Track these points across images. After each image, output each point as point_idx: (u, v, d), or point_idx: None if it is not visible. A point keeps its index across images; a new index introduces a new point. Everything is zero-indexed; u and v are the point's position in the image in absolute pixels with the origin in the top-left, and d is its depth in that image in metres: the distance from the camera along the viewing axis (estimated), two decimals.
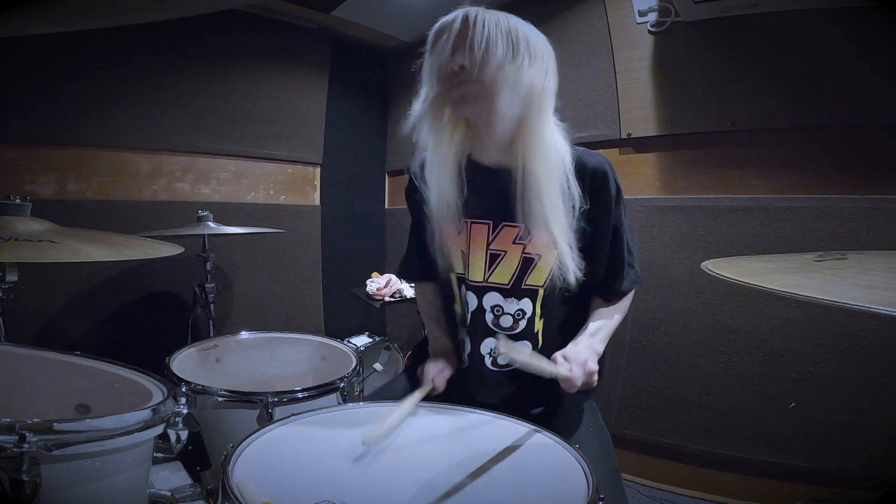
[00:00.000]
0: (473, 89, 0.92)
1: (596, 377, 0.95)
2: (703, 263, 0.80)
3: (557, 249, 0.97)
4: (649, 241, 1.89)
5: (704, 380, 1.79)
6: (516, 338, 1.06)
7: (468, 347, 1.09)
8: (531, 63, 0.94)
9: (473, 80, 0.91)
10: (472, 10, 0.94)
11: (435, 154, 1.02)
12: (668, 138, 1.89)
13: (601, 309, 1.08)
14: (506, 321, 1.05)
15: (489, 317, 1.06)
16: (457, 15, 0.94)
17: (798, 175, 1.65)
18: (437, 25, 0.97)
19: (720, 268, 0.75)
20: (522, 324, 1.05)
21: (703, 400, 1.79)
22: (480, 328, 1.07)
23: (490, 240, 1.02)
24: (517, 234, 1.00)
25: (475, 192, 1.01)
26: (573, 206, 0.96)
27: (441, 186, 1.01)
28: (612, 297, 1.09)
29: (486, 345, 1.07)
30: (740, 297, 1.70)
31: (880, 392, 1.49)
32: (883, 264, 0.70)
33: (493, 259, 1.02)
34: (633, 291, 1.11)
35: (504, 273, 1.03)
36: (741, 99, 1.71)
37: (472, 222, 1.02)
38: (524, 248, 1.01)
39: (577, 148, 1.02)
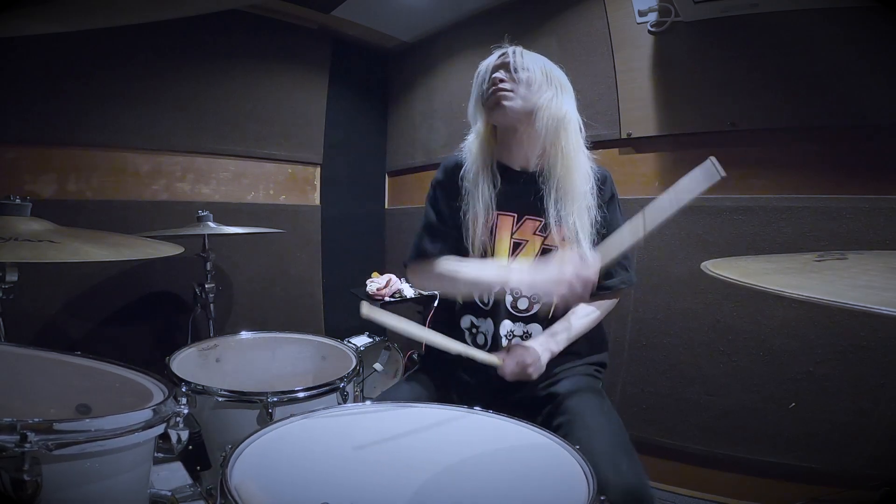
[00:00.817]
0: (508, 96, 1.10)
1: (532, 371, 1.04)
2: (703, 263, 0.80)
3: (580, 245, 1.11)
4: (649, 241, 1.89)
5: (704, 380, 1.79)
6: (529, 320, 1.17)
7: (491, 328, 1.19)
8: (562, 93, 1.14)
9: (508, 88, 1.10)
10: (515, 47, 1.15)
11: (475, 159, 1.19)
12: (668, 138, 1.89)
13: (579, 307, 1.18)
14: (523, 303, 1.17)
15: (508, 299, 1.17)
16: (496, 53, 1.16)
17: (798, 175, 1.65)
18: (479, 67, 1.18)
19: (720, 268, 0.75)
20: (537, 307, 1.16)
21: (703, 400, 1.79)
22: (501, 310, 1.18)
23: (514, 230, 1.17)
24: (538, 227, 1.15)
25: (503, 189, 1.16)
26: (593, 210, 1.12)
27: (478, 184, 1.17)
28: (596, 292, 1.14)
29: (504, 326, 1.17)
30: (740, 297, 1.70)
31: (880, 392, 1.49)
32: (883, 264, 0.70)
33: (516, 247, 1.16)
34: (618, 292, 1.21)
35: (525, 260, 1.14)
36: (741, 99, 1.71)
37: (499, 214, 1.17)
38: (544, 240, 1.15)
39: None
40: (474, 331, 1.22)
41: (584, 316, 1.17)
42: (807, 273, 0.71)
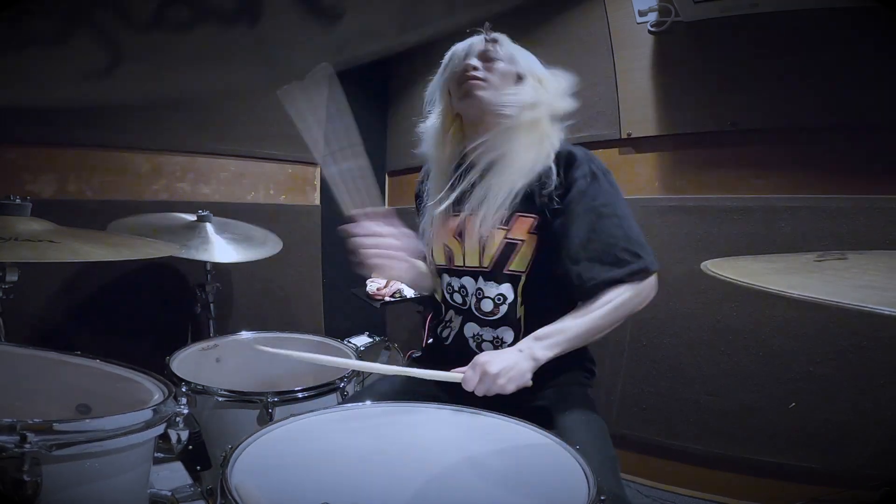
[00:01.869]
0: (481, 84, 1.04)
1: (503, 382, 0.89)
2: (703, 263, 0.79)
3: (483, 225, 1.03)
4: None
5: (704, 380, 1.79)
6: (497, 323, 1.08)
7: (455, 329, 1.14)
8: (540, 90, 1.08)
9: (481, 77, 1.05)
10: (492, 34, 1.09)
11: (435, 160, 1.17)
12: (668, 138, 1.89)
13: (577, 310, 1.00)
14: (486, 305, 1.08)
15: (472, 300, 1.10)
16: (474, 38, 1.11)
17: (798, 175, 1.65)
18: (451, 49, 1.13)
19: (720, 268, 0.75)
20: (503, 308, 1.06)
21: (703, 400, 1.79)
22: (466, 311, 1.11)
23: (461, 229, 1.11)
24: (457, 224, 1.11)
25: (459, 188, 1.11)
26: (539, 199, 1.02)
27: (437, 185, 1.15)
28: (577, 293, 1.00)
29: (469, 328, 1.11)
30: (740, 297, 1.70)
31: (880, 392, 1.49)
32: (883, 264, 0.70)
33: (482, 247, 1.08)
34: (626, 294, 1.00)
35: (484, 257, 1.07)
36: (741, 99, 1.71)
37: (451, 215, 1.13)
38: (505, 234, 1.05)
39: (567, 145, 1.09)
40: (443, 324, 1.18)
41: (583, 314, 0.96)
42: (807, 273, 0.71)
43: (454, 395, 1.11)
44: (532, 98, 1.06)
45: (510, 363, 0.91)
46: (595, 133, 1.99)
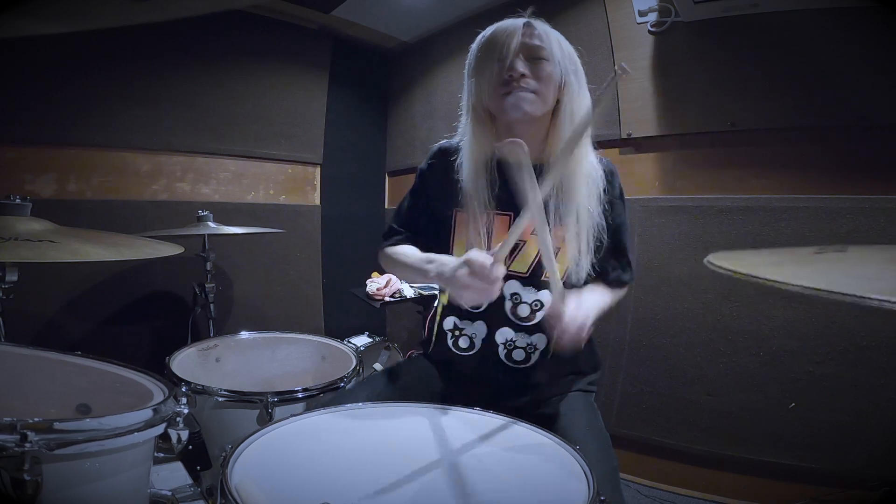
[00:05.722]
0: (530, 98, 0.97)
1: (584, 338, 0.91)
2: (707, 258, 0.80)
3: (579, 245, 1.01)
4: (649, 241, 1.89)
5: (704, 380, 1.79)
6: (532, 329, 1.07)
7: (483, 334, 1.10)
8: (583, 84, 1.02)
9: (531, 89, 0.97)
10: (536, 22, 0.99)
11: (470, 150, 1.06)
12: (668, 138, 1.89)
13: (597, 285, 1.09)
14: (523, 310, 1.07)
15: (508, 305, 1.07)
16: (517, 23, 0.99)
17: (798, 175, 1.65)
18: (491, 30, 1.02)
19: (720, 260, 0.76)
20: (539, 315, 1.06)
21: (703, 400, 1.79)
22: (498, 316, 1.08)
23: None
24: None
25: (500, 186, 1.03)
26: (599, 209, 1.04)
27: (474, 179, 1.04)
28: (612, 285, 1.12)
29: (502, 334, 1.08)
30: (740, 297, 1.70)
31: (880, 392, 1.49)
32: (880, 257, 0.69)
33: (514, 248, 1.04)
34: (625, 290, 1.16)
35: (522, 262, 1.06)
36: (741, 99, 1.71)
37: (495, 213, 1.05)
38: None
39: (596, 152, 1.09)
40: (457, 332, 1.12)
41: (603, 294, 1.06)
42: (802, 264, 0.71)
43: (456, 395, 1.12)
44: (582, 100, 1.01)
45: (587, 318, 0.92)
46: (595, 133, 1.98)
